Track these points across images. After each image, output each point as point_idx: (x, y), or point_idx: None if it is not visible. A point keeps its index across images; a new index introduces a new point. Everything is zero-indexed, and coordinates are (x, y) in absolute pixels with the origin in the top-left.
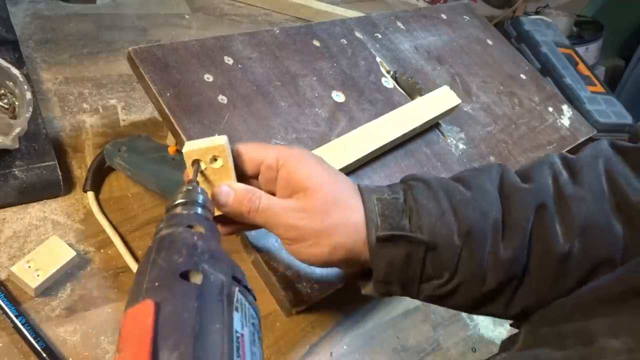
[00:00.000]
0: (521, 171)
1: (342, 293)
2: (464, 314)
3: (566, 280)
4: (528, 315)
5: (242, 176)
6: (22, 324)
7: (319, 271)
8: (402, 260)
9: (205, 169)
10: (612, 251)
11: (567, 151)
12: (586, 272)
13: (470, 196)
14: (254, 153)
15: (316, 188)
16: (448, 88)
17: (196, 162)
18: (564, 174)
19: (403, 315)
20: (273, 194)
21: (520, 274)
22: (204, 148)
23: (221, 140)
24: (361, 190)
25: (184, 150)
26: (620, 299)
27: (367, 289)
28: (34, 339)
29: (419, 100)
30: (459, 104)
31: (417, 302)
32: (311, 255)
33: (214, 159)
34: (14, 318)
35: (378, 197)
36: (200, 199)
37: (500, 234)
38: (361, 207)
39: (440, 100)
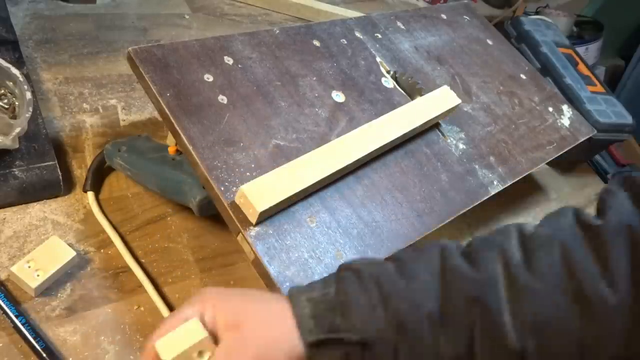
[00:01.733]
0: (468, 252)
1: None
2: None
3: None
4: None
5: None
6: (22, 324)
7: (319, 271)
8: None
9: None
10: (569, 351)
11: (567, 151)
12: None
13: (403, 286)
14: (163, 323)
15: (243, 324)
16: (448, 88)
17: None
18: (517, 257)
19: None
20: None
21: None
22: (188, 349)
23: (200, 333)
24: (290, 296)
25: (162, 357)
26: None
27: None
28: (34, 339)
29: (419, 100)
30: (459, 104)
31: None
32: None
33: (200, 354)
34: (14, 318)
35: (308, 297)
36: None
37: (438, 327)
38: (291, 315)
39: (440, 100)
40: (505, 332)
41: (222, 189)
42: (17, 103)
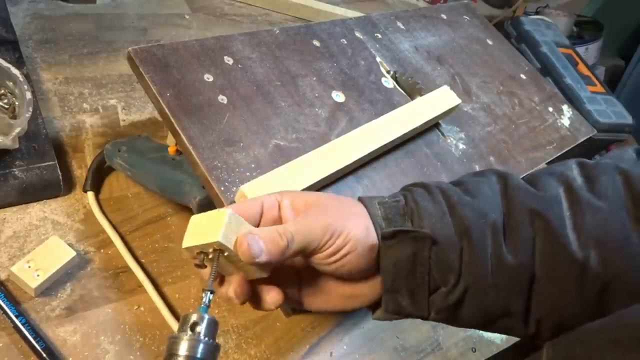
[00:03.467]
0: (529, 178)
1: None
2: None
3: (584, 292)
4: (544, 334)
5: None
6: (22, 324)
7: None
8: (409, 260)
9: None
10: (630, 266)
11: (567, 151)
12: (605, 286)
13: (468, 199)
14: (250, 206)
15: (324, 200)
16: (448, 88)
17: (202, 254)
18: (578, 181)
19: None
20: None
21: (529, 282)
22: (202, 244)
23: (214, 236)
24: (361, 199)
25: (183, 246)
26: None
27: (378, 312)
28: (34, 339)
29: (419, 100)
30: (459, 104)
31: None
32: (347, 252)
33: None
34: (14, 318)
35: (379, 201)
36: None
37: (501, 237)
38: (365, 212)
39: (440, 100)
40: (567, 243)
41: (222, 189)
42: (17, 103)
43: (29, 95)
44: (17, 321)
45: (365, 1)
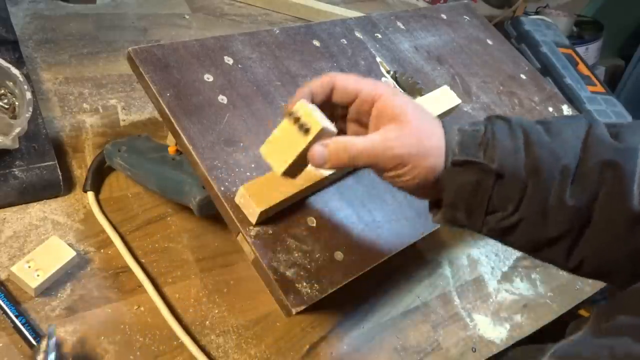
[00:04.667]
0: (615, 127)
1: (342, 293)
2: (464, 314)
3: (628, 244)
4: (586, 270)
5: (333, 106)
6: (22, 324)
7: (319, 271)
8: (472, 186)
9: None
10: None
11: None
12: None
13: (547, 139)
14: (350, 86)
15: (408, 118)
16: (448, 88)
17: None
18: None
19: (403, 315)
20: (358, 124)
21: (582, 225)
22: (312, 117)
23: (319, 123)
24: (444, 122)
25: (300, 102)
26: None
27: (437, 217)
28: (34, 339)
29: (418, 100)
30: (459, 104)
31: (417, 302)
32: (409, 179)
33: (305, 129)
34: (14, 318)
35: (460, 127)
36: None
37: (569, 180)
38: (443, 135)
39: (440, 100)
40: (630, 197)
41: (222, 189)
42: (17, 103)
43: (29, 95)
44: (17, 321)
45: (365, 1)
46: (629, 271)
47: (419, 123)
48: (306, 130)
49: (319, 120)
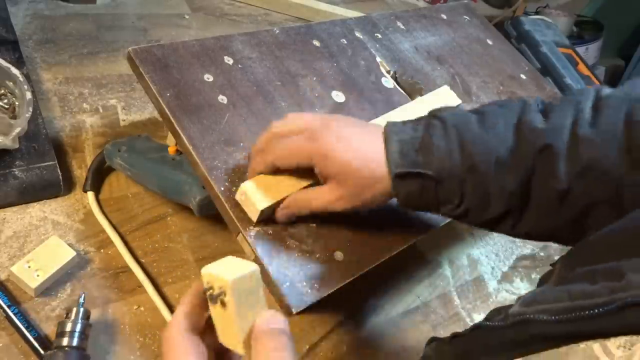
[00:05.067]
0: (547, 105)
1: (342, 293)
2: (464, 314)
3: (561, 215)
4: (534, 237)
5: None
6: (22, 324)
7: (319, 271)
8: (417, 192)
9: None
10: (608, 193)
11: None
12: (581, 209)
13: (480, 134)
14: (285, 165)
15: (346, 175)
16: (448, 88)
17: (209, 285)
18: (587, 114)
19: (403, 315)
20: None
21: (522, 204)
22: (215, 276)
23: (230, 276)
24: (386, 132)
25: (202, 271)
26: None
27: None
28: (34, 338)
29: (418, 99)
30: (459, 105)
31: (417, 302)
32: (365, 208)
33: (222, 293)
34: (14, 318)
35: (399, 138)
36: None
37: (504, 169)
38: (383, 149)
39: (440, 100)
40: (559, 175)
41: (222, 189)
42: (17, 103)
43: (29, 95)
44: (17, 321)
45: (365, 1)
46: (569, 235)
47: (357, 171)
48: (222, 302)
49: (225, 276)
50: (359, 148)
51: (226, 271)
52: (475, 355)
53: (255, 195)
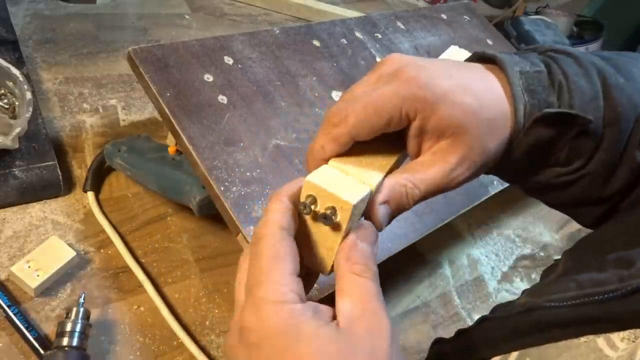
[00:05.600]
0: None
1: None
2: (464, 314)
3: None
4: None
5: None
6: (22, 324)
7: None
8: (547, 140)
9: (317, 213)
10: None
11: None
12: None
13: (623, 82)
14: (369, 123)
15: (465, 127)
16: (457, 47)
17: (311, 197)
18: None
19: (403, 315)
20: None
21: (637, 183)
22: (329, 193)
23: (350, 198)
24: (501, 64)
25: (306, 179)
26: None
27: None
28: (35, 339)
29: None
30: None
31: (417, 302)
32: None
33: (332, 212)
34: (14, 318)
35: (520, 69)
36: None
37: None
38: (502, 83)
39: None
40: None
41: (222, 189)
42: (17, 103)
43: (29, 95)
44: (17, 321)
45: (365, 1)
46: None
47: (479, 113)
48: (334, 225)
49: (343, 197)
50: (469, 84)
51: (340, 189)
52: (479, 348)
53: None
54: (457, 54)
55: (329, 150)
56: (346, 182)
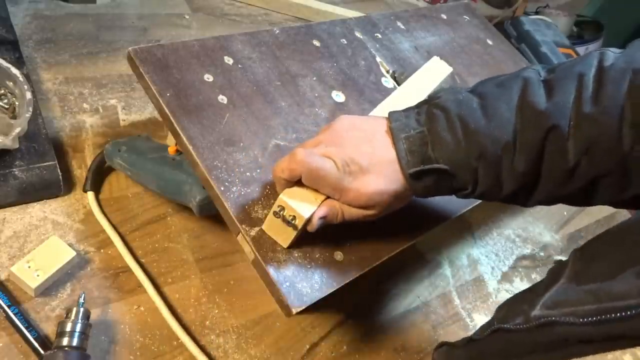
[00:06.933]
0: (549, 81)
1: (342, 293)
2: (464, 314)
3: (570, 186)
4: (545, 204)
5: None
6: (22, 324)
7: (319, 271)
8: (434, 184)
9: (284, 217)
10: (614, 166)
11: None
12: (589, 181)
13: (484, 124)
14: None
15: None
16: (438, 58)
17: (281, 207)
18: (589, 90)
19: (403, 315)
20: None
21: (532, 182)
22: (292, 208)
23: (304, 213)
24: (392, 133)
25: (280, 197)
26: None
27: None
28: (35, 339)
29: (413, 77)
30: (451, 72)
31: (417, 302)
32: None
33: (293, 219)
34: (14, 318)
35: (405, 135)
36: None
37: (512, 153)
38: (393, 148)
39: (432, 72)
40: (567, 154)
41: (222, 189)
42: (17, 103)
43: (29, 95)
44: (17, 321)
45: (365, 1)
46: (579, 200)
47: (382, 195)
48: (293, 225)
49: (301, 212)
50: (375, 171)
51: (298, 206)
52: (491, 359)
53: (297, 205)
54: (438, 65)
55: (282, 183)
56: (303, 201)
